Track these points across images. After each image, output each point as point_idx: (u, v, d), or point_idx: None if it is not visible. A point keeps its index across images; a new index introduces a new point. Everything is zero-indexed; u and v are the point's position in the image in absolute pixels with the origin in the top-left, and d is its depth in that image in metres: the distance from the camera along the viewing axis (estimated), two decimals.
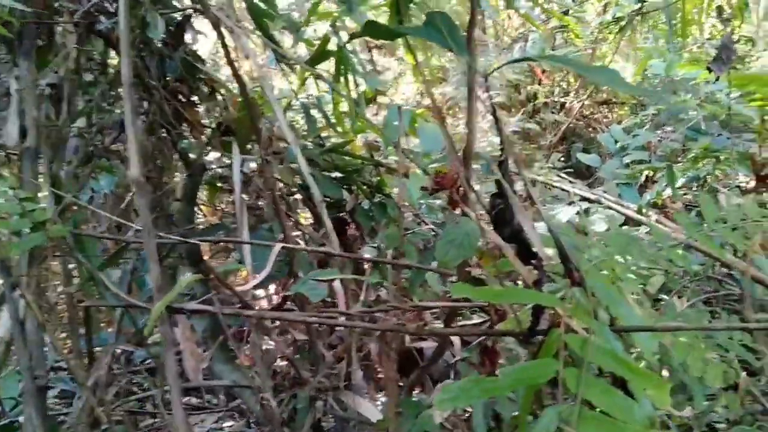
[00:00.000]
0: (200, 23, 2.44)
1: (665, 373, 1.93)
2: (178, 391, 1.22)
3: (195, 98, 2.48)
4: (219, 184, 2.86)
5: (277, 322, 2.18)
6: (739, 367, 1.90)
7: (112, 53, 2.37)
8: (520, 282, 1.17)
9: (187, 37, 2.43)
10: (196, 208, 3.29)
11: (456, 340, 2.21)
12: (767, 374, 1.96)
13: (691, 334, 1.41)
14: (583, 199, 3.30)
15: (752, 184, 3.04)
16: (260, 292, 2.79)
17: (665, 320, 1.51)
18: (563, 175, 4.16)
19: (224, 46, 1.95)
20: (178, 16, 2.38)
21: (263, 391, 1.71)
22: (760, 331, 1.89)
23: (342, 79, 2.42)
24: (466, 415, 1.90)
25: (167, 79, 2.33)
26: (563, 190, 3.61)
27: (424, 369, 1.97)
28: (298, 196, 2.71)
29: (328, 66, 2.56)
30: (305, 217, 3.08)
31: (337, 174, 2.63)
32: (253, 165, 2.47)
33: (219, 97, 2.51)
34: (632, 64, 6.76)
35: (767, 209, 1.64)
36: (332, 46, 2.41)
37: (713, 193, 3.15)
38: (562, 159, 5.70)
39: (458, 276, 1.50)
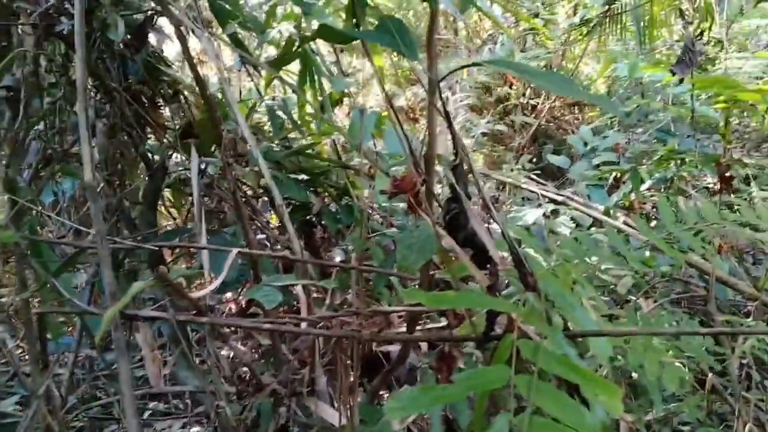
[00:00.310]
0: (169, 25, 2.41)
1: (634, 375, 1.94)
2: (131, 398, 1.20)
3: (159, 100, 2.44)
4: (183, 188, 2.82)
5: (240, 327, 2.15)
6: (707, 368, 1.91)
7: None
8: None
9: (153, 39, 2.40)
10: (166, 212, 3.25)
11: (423, 343, 2.20)
12: (732, 376, 1.98)
13: (647, 337, 1.42)
14: (552, 200, 3.30)
15: (719, 185, 3.06)
16: (229, 295, 2.76)
17: (625, 323, 1.51)
18: (533, 177, 4.17)
19: (184, 47, 1.92)
20: (141, 17, 2.35)
21: (218, 398, 1.68)
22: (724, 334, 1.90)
23: (308, 81, 2.40)
24: None
25: (129, 81, 2.30)
26: (531, 191, 3.61)
27: (388, 373, 1.95)
28: (267, 198, 2.69)
29: (295, 68, 2.54)
30: (275, 219, 3.05)
31: (304, 176, 2.60)
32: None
33: (183, 100, 2.47)
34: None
35: (733, 211, 1.65)
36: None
37: (679, 195, 3.17)
38: (533, 160, 5.72)
39: (422, 278, 1.49)
